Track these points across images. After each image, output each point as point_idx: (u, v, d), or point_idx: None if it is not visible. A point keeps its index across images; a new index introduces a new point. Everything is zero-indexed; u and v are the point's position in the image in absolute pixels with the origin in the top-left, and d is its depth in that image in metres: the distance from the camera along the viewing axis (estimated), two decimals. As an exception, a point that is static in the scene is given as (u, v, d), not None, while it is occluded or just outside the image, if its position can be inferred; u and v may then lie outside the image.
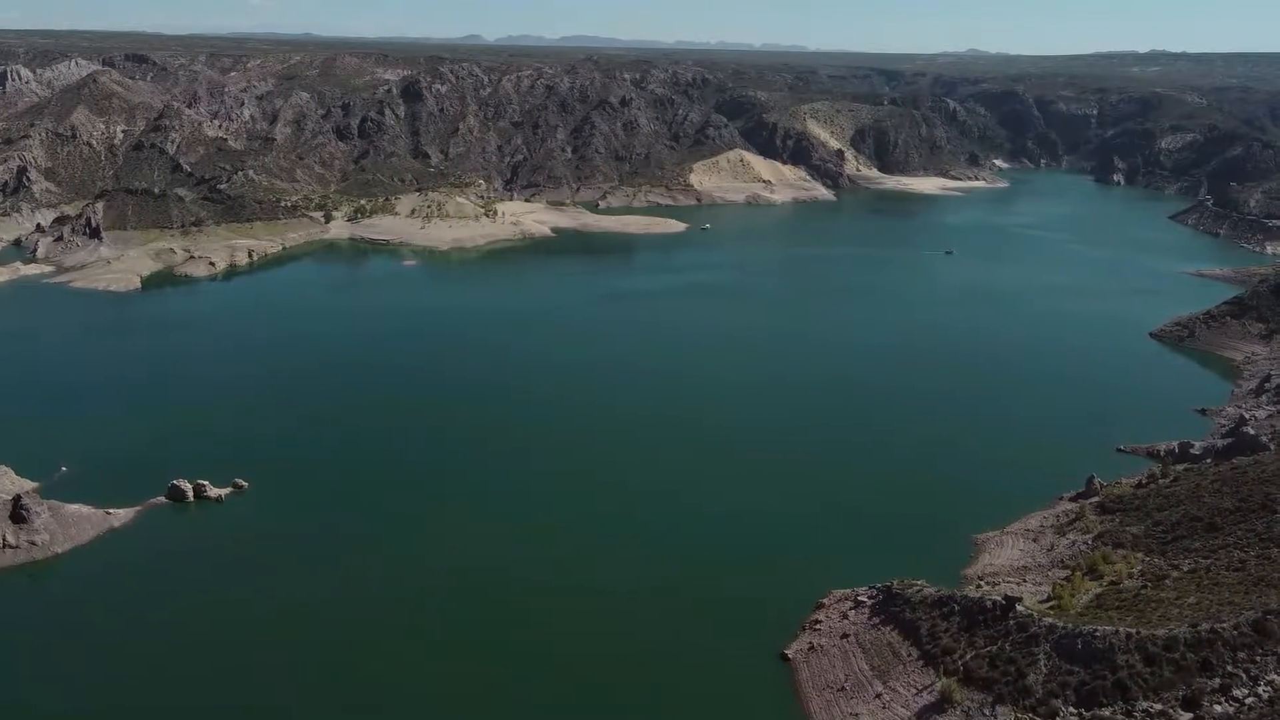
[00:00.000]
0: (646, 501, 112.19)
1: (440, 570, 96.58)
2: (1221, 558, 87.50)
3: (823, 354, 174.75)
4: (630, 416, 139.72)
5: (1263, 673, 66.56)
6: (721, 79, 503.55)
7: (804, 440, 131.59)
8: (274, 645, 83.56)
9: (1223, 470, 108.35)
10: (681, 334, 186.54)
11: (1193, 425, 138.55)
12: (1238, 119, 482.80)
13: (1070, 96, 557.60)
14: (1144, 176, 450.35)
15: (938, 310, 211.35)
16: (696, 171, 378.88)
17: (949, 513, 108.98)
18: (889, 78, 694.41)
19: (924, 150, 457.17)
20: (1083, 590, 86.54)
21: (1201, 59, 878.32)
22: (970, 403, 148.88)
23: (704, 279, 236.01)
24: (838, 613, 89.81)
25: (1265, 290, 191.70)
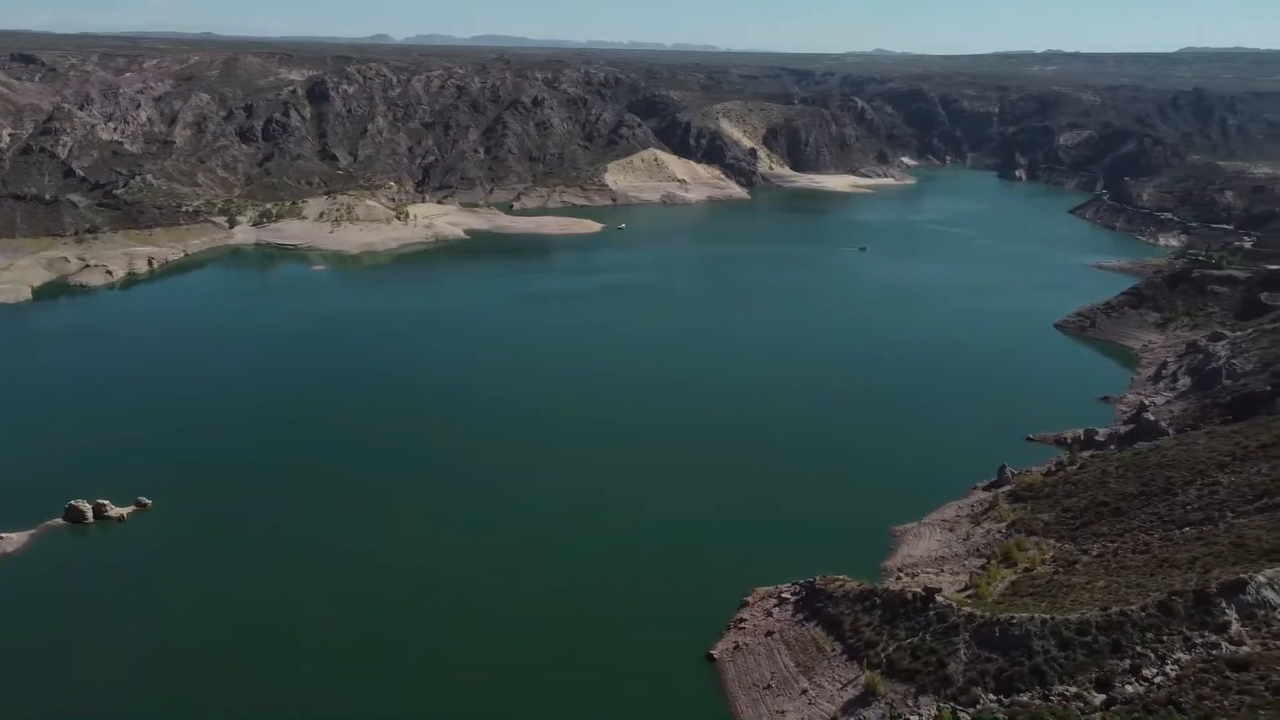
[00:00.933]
0: (567, 505, 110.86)
1: (358, 585, 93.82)
2: (1127, 541, 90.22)
3: (742, 353, 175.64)
4: (550, 419, 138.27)
5: (1170, 652, 68.45)
6: (634, 79, 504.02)
7: (725, 439, 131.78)
8: (174, 675, 79.93)
9: (1126, 456, 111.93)
10: (601, 335, 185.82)
11: (1097, 413, 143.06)
12: (1130, 116, 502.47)
13: (973, 95, 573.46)
14: (1044, 172, 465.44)
15: (854, 308, 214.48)
16: (611, 171, 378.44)
17: (868, 506, 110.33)
18: (799, 77, 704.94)
19: (835, 148, 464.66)
20: (998, 578, 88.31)
21: (1095, 59, 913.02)
22: (886, 397, 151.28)
23: (622, 279, 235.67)
24: (762, 610, 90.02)
25: (1159, 281, 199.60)
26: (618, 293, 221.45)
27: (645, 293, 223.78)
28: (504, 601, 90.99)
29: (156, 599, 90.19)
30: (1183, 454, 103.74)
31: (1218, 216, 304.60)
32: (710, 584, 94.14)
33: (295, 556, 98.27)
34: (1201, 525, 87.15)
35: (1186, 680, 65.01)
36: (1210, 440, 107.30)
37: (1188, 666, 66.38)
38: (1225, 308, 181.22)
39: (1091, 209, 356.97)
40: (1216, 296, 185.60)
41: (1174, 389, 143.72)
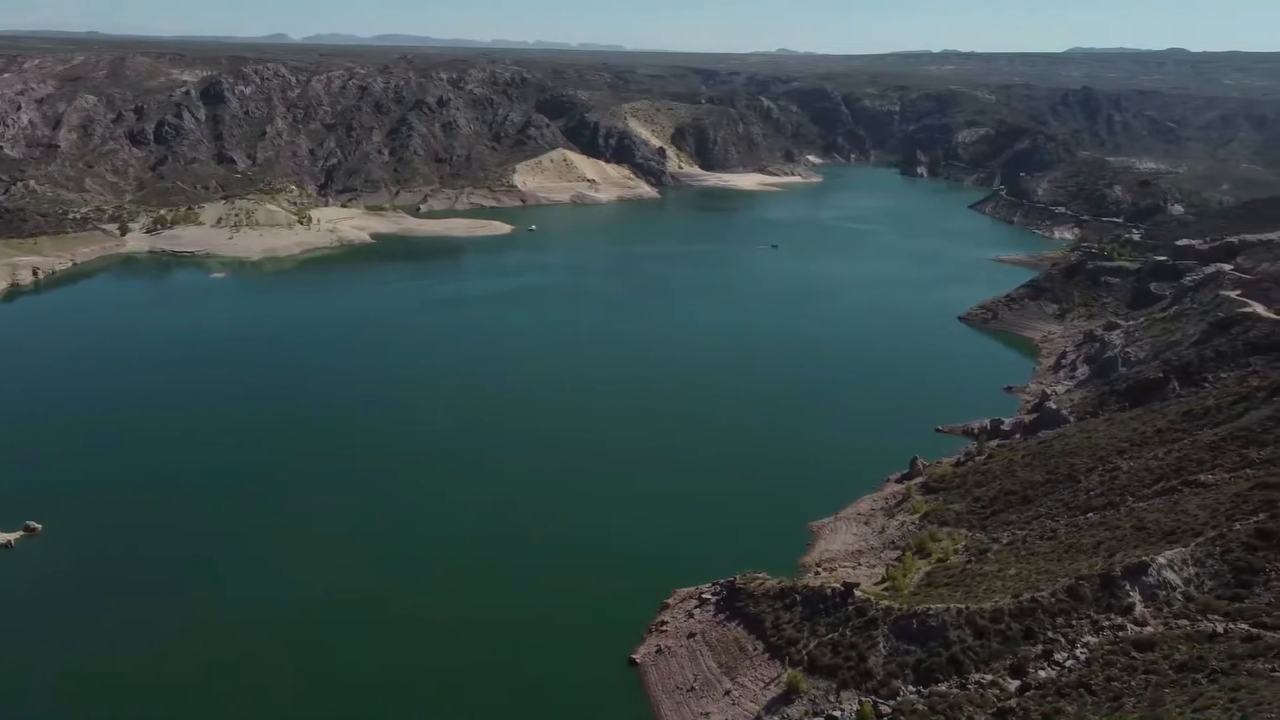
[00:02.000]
0: (480, 515, 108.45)
1: (263, 611, 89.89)
2: (1035, 528, 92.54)
3: (657, 353, 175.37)
4: (462, 427, 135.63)
5: (1079, 635, 70.13)
6: (541, 78, 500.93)
7: (641, 441, 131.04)
8: (66, 709, 75.49)
9: (1031, 445, 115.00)
10: (514, 338, 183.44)
11: (1002, 403, 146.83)
12: (1024, 114, 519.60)
13: (875, 94, 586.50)
14: (945, 169, 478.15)
15: (766, 305, 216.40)
16: (520, 172, 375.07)
17: (786, 503, 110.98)
18: (705, 77, 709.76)
19: (743, 147, 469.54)
20: (914, 570, 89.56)
21: (989, 59, 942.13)
22: (800, 393, 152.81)
23: (535, 281, 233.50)
24: (683, 612, 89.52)
25: (1057, 274, 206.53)
26: (530, 295, 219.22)
27: (558, 294, 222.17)
28: (416, 617, 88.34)
29: (47, 628, 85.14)
30: (1085, 441, 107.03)
31: (1108, 210, 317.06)
32: (631, 588, 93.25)
33: (194, 581, 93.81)
34: (1104, 510, 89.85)
35: (1095, 663, 66.69)
36: (1110, 427, 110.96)
37: (1096, 649, 68.10)
38: (1118, 298, 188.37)
39: (990, 204, 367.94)
40: (1110, 287, 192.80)
41: (1074, 378, 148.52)
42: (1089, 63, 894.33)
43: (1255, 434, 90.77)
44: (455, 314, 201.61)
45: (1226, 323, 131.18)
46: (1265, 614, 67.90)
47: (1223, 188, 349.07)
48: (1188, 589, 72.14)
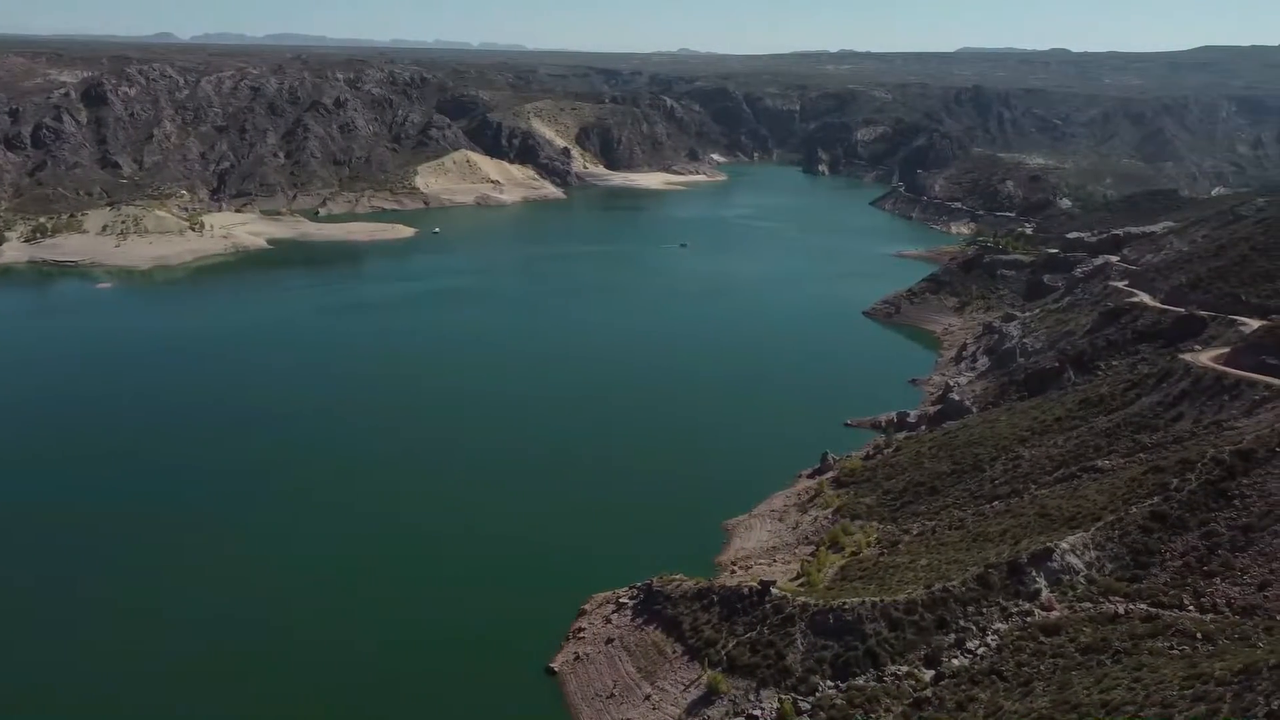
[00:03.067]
0: (390, 528, 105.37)
1: (156, 639, 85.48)
2: (944, 518, 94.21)
3: (568, 355, 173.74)
4: (370, 437, 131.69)
5: (989, 623, 71.45)
6: (441, 78, 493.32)
7: (553, 446, 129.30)
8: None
9: (937, 436, 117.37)
10: (420, 343, 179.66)
11: (907, 395, 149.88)
12: (919, 112, 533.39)
13: (776, 93, 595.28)
14: (845, 166, 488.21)
15: (676, 304, 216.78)
16: (422, 174, 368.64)
17: (701, 502, 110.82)
18: (608, 76, 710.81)
19: (647, 147, 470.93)
20: (828, 564, 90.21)
21: (884, 58, 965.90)
22: (713, 391, 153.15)
23: (440, 284, 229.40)
24: (600, 617, 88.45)
25: (955, 267, 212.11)
26: (436, 299, 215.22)
27: (464, 297, 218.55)
28: (326, 634, 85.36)
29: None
30: (988, 431, 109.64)
31: (1001, 205, 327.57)
32: (547, 595, 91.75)
33: (73, 613, 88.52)
34: (1009, 499, 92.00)
35: (1006, 649, 67.99)
36: (1011, 416, 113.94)
37: (1006, 636, 69.45)
38: (1014, 290, 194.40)
39: (890, 200, 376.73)
40: (1006, 280, 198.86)
41: (975, 369, 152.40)
42: (978, 62, 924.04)
43: (1147, 419, 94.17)
44: (358, 320, 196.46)
45: (1116, 313, 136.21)
46: (1162, 594, 70.33)
47: (1106, 182, 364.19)
48: (1090, 573, 74.22)
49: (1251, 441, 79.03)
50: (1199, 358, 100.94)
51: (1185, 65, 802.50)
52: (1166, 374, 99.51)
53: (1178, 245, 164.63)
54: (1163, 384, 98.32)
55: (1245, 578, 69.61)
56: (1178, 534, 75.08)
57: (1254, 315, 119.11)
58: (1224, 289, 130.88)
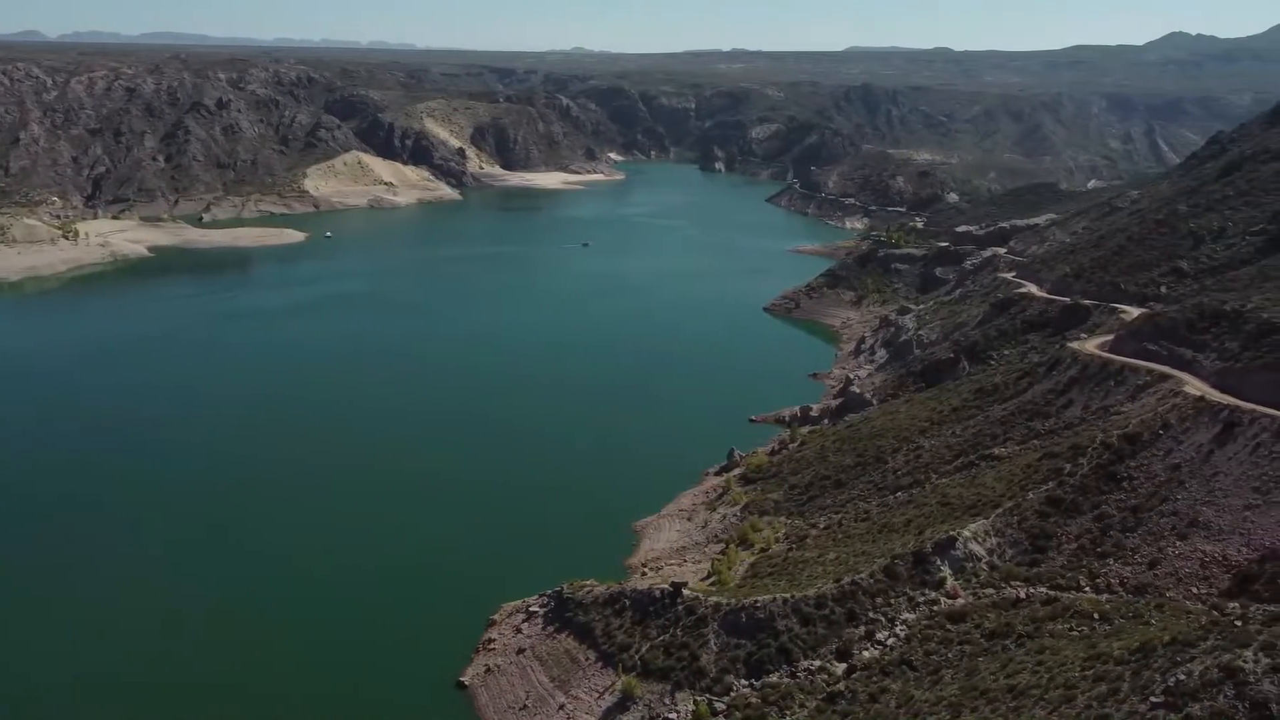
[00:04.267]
0: (285, 550, 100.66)
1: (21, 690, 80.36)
2: (850, 511, 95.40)
3: (468, 358, 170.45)
4: (259, 452, 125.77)
5: (898, 614, 72.41)
6: (330, 78, 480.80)
7: (455, 453, 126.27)
8: None
9: (840, 429, 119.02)
10: (312, 352, 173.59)
11: (809, 389, 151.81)
12: (811, 110, 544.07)
13: (671, 91, 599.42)
14: (741, 164, 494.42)
15: (578, 304, 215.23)
16: (311, 176, 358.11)
17: (609, 504, 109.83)
18: (502, 75, 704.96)
19: (544, 146, 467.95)
20: (738, 562, 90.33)
21: (776, 57, 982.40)
22: (617, 391, 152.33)
23: (333, 290, 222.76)
24: (511, 628, 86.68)
25: (851, 262, 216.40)
26: (329, 305, 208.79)
27: (359, 303, 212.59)
28: (230, 664, 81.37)
29: None
30: (889, 423, 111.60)
31: (893, 200, 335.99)
32: (455, 608, 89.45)
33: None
34: (911, 489, 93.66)
35: (915, 639, 68.96)
36: (910, 408, 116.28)
37: (914, 625, 70.47)
38: (908, 283, 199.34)
39: (785, 197, 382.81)
40: (900, 274, 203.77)
41: (873, 361, 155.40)
42: (866, 60, 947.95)
43: (1039, 407, 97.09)
44: (247, 329, 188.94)
45: (1005, 303, 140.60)
46: (1060, 577, 72.41)
47: (990, 176, 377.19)
48: (991, 559, 75.99)
49: (1137, 425, 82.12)
50: (1085, 346, 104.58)
51: (1059, 64, 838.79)
52: (1055, 362, 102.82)
53: (1060, 237, 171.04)
54: (1052, 372, 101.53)
55: (1136, 557, 72.22)
56: (1072, 518, 77.51)
57: (1133, 303, 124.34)
58: (1105, 278, 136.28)
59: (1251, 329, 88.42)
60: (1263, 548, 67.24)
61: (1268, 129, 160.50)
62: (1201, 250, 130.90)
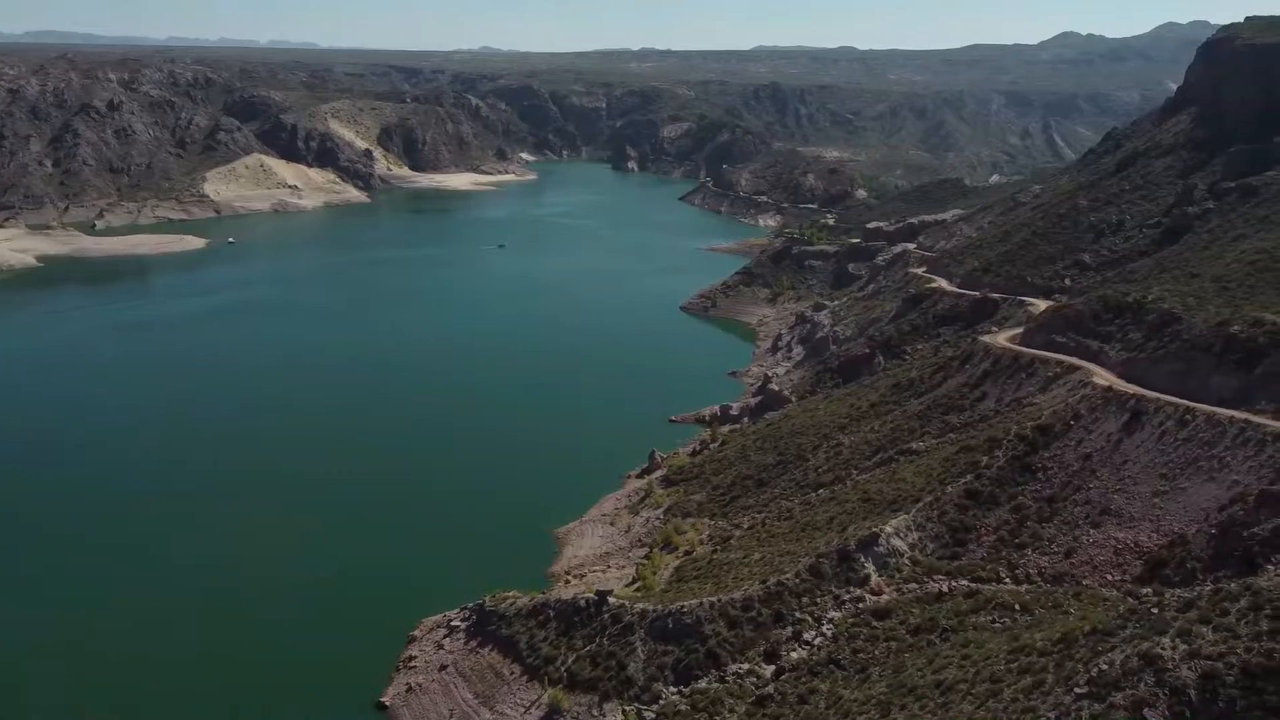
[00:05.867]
0: (196, 569, 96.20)
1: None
2: (773, 510, 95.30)
3: (380, 366, 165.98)
4: (163, 468, 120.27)
5: (824, 612, 72.25)
6: (228, 79, 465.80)
7: (367, 467, 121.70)
8: None
9: (760, 427, 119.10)
10: (215, 362, 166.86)
11: (728, 388, 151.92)
12: (721, 109, 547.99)
13: (581, 91, 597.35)
14: (653, 163, 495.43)
15: (493, 306, 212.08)
16: (211, 180, 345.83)
17: (528, 513, 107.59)
18: (408, 75, 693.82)
19: (453, 146, 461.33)
20: (663, 566, 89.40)
21: (685, 56, 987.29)
22: (533, 395, 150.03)
23: (237, 298, 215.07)
24: (432, 643, 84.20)
25: (766, 260, 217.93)
26: (233, 313, 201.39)
27: (265, 311, 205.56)
28: (136, 693, 77.09)
29: None
30: (808, 420, 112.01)
31: (804, 197, 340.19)
32: (373, 626, 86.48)
33: None
34: (833, 486, 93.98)
35: (842, 637, 68.82)
36: (829, 404, 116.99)
37: (841, 624, 70.35)
38: (822, 280, 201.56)
39: (699, 195, 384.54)
40: (814, 270, 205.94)
41: (791, 358, 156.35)
42: (773, 60, 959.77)
43: (954, 400, 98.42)
44: (149, 340, 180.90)
45: (917, 298, 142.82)
46: (980, 569, 73.24)
47: (897, 172, 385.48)
48: (913, 553, 76.43)
49: (1049, 417, 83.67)
50: (996, 339, 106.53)
51: (959, 62, 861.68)
52: (969, 356, 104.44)
53: (967, 231, 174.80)
54: (966, 366, 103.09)
55: (1053, 547, 73.44)
56: (990, 509, 78.54)
57: (1039, 296, 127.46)
58: (1012, 272, 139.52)
59: (1153, 319, 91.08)
60: (1171, 533, 68.98)
61: (1159, 125, 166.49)
62: (1102, 243, 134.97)
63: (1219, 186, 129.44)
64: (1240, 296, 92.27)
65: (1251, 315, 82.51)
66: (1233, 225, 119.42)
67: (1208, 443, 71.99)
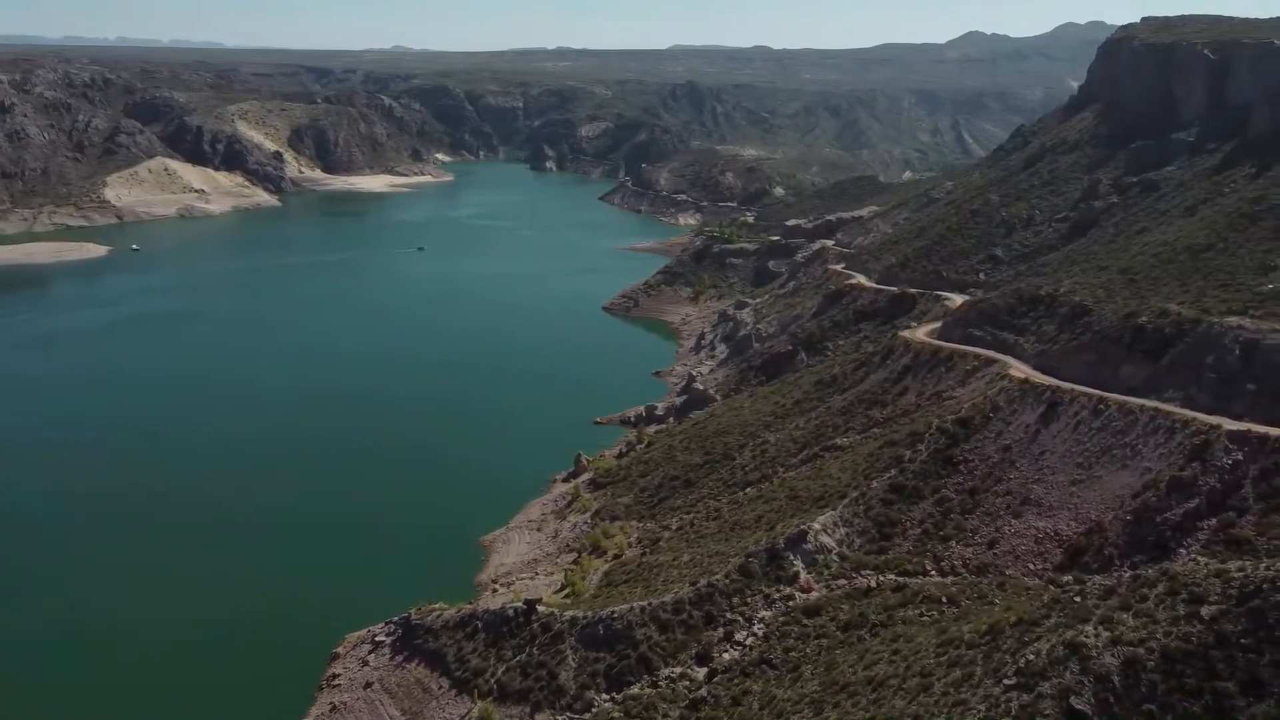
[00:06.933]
0: (108, 595, 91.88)
1: None
2: (701, 510, 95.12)
3: (297, 376, 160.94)
4: (66, 492, 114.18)
5: (755, 612, 72.20)
6: (129, 79, 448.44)
7: (288, 478, 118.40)
8: None
9: (686, 427, 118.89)
10: (120, 378, 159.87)
11: (653, 388, 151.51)
12: (639, 108, 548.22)
13: (497, 90, 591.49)
14: (572, 162, 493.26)
15: (414, 311, 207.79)
16: (113, 185, 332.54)
17: (453, 521, 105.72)
18: (319, 75, 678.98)
19: (367, 148, 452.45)
20: (592, 571, 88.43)
21: (601, 55, 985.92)
22: (454, 401, 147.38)
23: (144, 307, 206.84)
24: (356, 660, 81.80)
25: (687, 258, 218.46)
26: (138, 324, 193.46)
27: (172, 321, 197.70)
28: None
29: None
30: (734, 419, 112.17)
31: (723, 195, 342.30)
32: (295, 643, 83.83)
33: None
34: (760, 484, 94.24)
35: (773, 636, 68.83)
36: (753, 402, 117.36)
37: (772, 623, 70.37)
38: (743, 278, 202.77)
39: (618, 195, 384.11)
40: (735, 268, 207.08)
41: (714, 357, 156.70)
42: (689, 58, 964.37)
43: (877, 395, 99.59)
44: (47, 354, 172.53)
45: (837, 294, 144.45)
46: (907, 562, 74.05)
47: (813, 170, 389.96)
48: (841, 549, 76.95)
49: (969, 410, 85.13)
50: (915, 334, 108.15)
51: (871, 61, 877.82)
52: (889, 351, 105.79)
53: (884, 228, 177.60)
54: (887, 361, 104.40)
55: (976, 538, 74.65)
56: (915, 503, 79.55)
57: (955, 290, 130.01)
58: (928, 267, 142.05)
59: (1065, 312, 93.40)
60: (1089, 521, 70.63)
61: (1064, 122, 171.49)
62: (1014, 238, 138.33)
63: (1122, 181, 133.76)
64: (1146, 288, 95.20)
65: (1158, 306, 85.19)
66: (1136, 219, 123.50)
67: (1120, 431, 73.96)
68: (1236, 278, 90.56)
